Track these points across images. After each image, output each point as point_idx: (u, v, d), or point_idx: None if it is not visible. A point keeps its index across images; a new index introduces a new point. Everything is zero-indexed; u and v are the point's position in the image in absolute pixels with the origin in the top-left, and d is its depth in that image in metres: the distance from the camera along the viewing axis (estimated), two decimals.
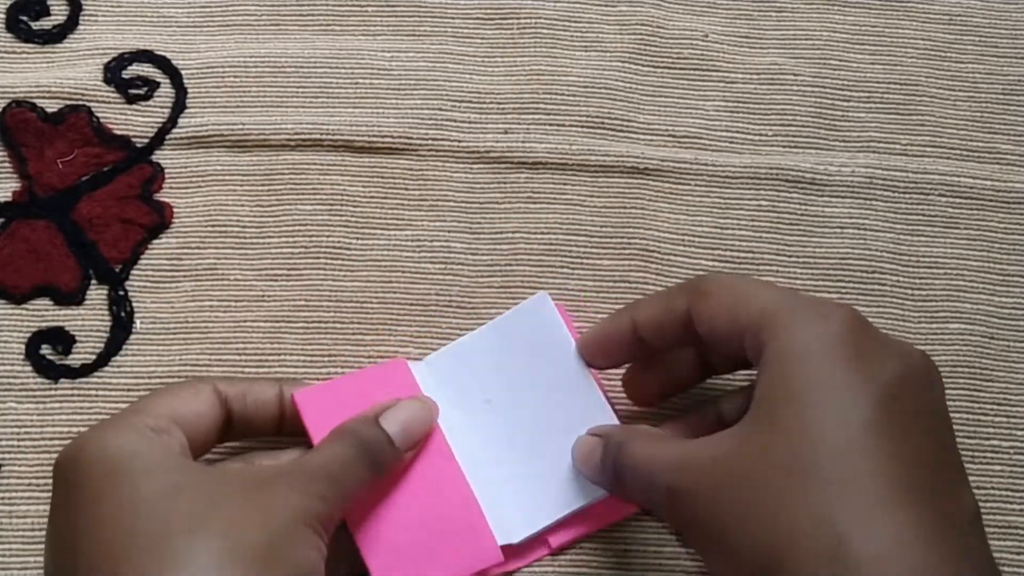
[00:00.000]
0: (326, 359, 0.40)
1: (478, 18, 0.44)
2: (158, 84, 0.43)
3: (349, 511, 0.34)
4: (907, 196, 0.43)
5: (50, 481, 0.37)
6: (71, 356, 0.40)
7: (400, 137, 0.42)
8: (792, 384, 0.30)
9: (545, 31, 0.44)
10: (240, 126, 0.42)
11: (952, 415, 0.40)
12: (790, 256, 0.42)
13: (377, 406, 0.36)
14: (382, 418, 0.35)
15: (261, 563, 0.29)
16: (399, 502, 0.35)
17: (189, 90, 0.43)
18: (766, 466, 0.29)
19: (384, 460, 0.34)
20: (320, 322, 0.40)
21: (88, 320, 0.40)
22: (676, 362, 0.37)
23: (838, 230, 0.42)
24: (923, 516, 0.28)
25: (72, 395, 0.39)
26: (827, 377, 0.29)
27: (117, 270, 0.41)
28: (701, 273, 0.41)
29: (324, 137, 0.42)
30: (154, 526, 0.29)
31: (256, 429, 0.36)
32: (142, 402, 0.34)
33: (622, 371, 0.38)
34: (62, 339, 0.40)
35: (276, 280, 0.41)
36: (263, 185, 0.42)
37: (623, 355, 0.37)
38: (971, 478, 0.39)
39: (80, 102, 0.42)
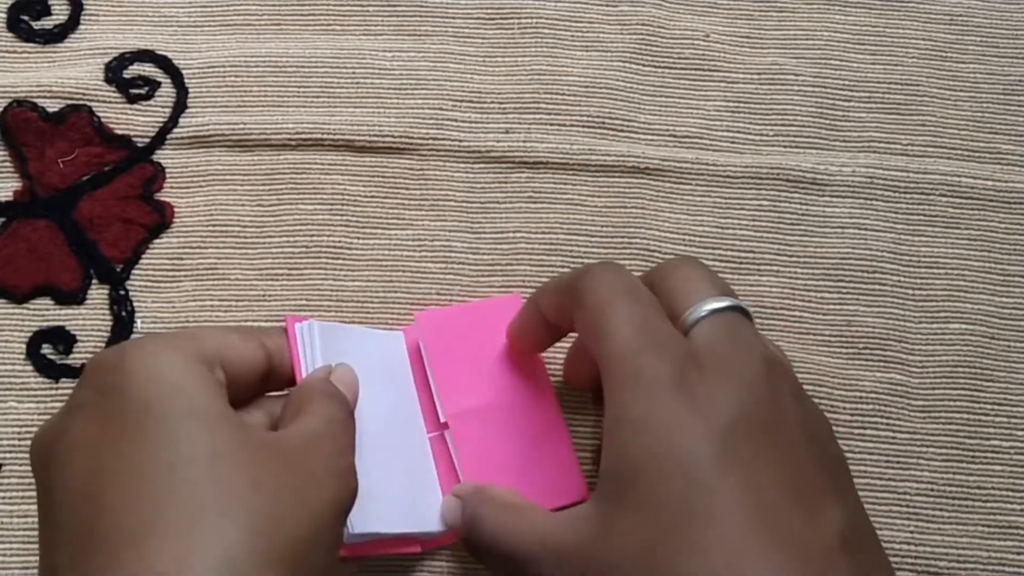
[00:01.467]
0: None
1: (479, 18, 0.44)
2: (159, 84, 0.43)
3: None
4: (908, 196, 0.43)
5: None
6: (72, 356, 0.40)
7: (401, 137, 0.42)
8: (630, 454, 0.28)
9: (546, 31, 0.44)
10: (241, 126, 0.42)
11: (952, 415, 0.40)
12: (791, 256, 0.42)
13: (323, 369, 0.33)
14: (332, 376, 0.33)
15: (291, 563, 0.26)
16: (499, 418, 0.36)
17: (190, 90, 0.43)
18: (623, 556, 0.28)
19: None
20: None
21: (89, 320, 0.40)
22: None
23: (839, 230, 0.42)
24: (786, 554, 0.27)
25: None
26: (665, 444, 0.28)
27: (118, 270, 0.41)
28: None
29: (325, 137, 0.42)
30: (188, 497, 0.26)
31: (283, 385, 0.34)
32: (192, 329, 0.31)
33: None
34: (63, 339, 0.40)
35: (277, 280, 0.41)
36: (264, 185, 0.42)
37: (543, 342, 0.36)
38: (971, 478, 0.39)
39: (81, 102, 0.42)
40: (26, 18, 0.43)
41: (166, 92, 0.43)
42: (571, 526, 0.30)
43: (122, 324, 0.40)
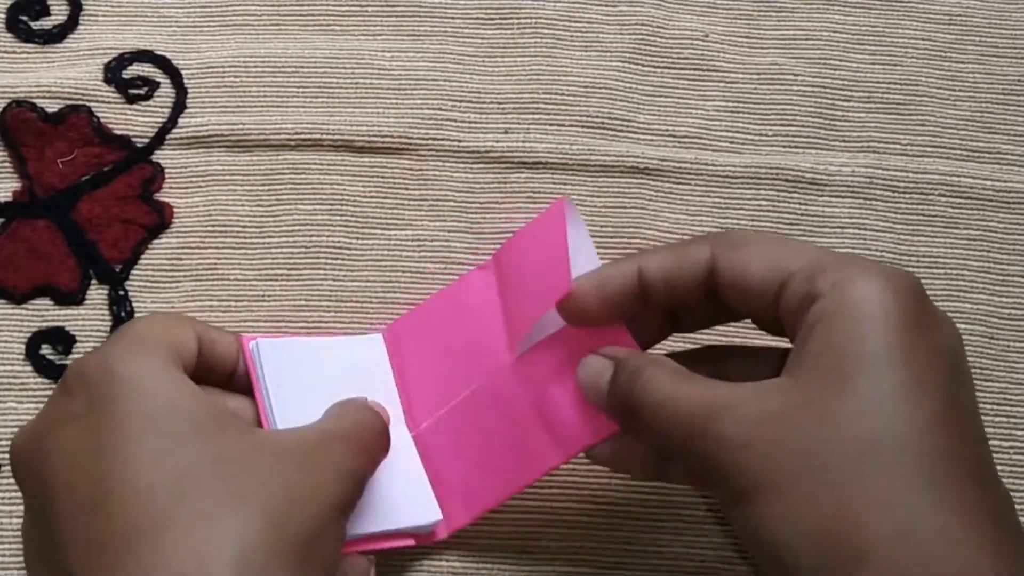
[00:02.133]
0: None
1: (478, 18, 0.44)
2: (158, 84, 0.43)
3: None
4: (907, 196, 0.43)
5: None
6: (71, 356, 0.40)
7: (400, 137, 0.42)
8: (862, 347, 0.28)
9: (545, 31, 0.44)
10: (240, 126, 0.42)
11: None
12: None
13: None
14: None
15: (301, 556, 0.27)
16: (473, 410, 0.36)
17: (189, 90, 0.43)
18: (836, 435, 0.27)
19: (385, 447, 0.33)
20: (320, 322, 0.40)
21: (88, 320, 0.40)
22: (642, 324, 0.35)
23: (838, 230, 0.42)
24: (985, 502, 0.27)
25: None
26: (901, 350, 0.28)
27: (117, 270, 0.41)
28: None
29: (324, 137, 0.42)
30: (200, 498, 0.26)
31: (210, 379, 0.34)
32: (144, 324, 0.31)
33: None
34: (62, 339, 0.40)
35: (276, 280, 0.41)
36: (263, 185, 0.42)
37: (622, 306, 0.33)
38: None
39: (80, 102, 0.42)
40: (25, 18, 0.43)
41: (165, 92, 0.43)
42: (761, 392, 0.29)
43: (121, 324, 0.40)
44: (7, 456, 0.38)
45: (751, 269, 0.31)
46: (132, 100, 0.42)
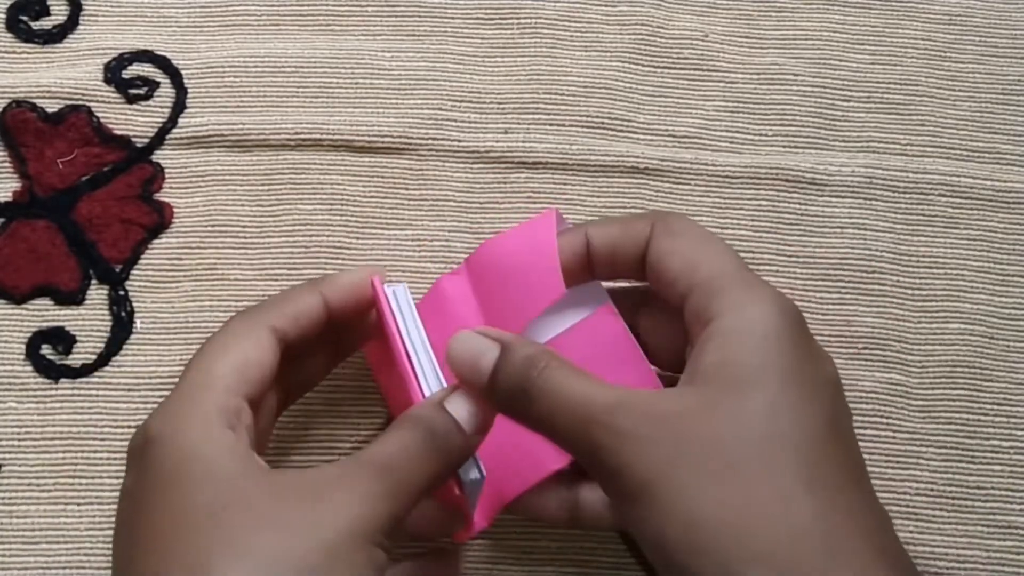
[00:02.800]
0: None
1: (478, 18, 0.44)
2: (158, 84, 0.43)
3: None
4: (907, 196, 0.43)
5: (50, 481, 0.38)
6: (71, 356, 0.40)
7: (400, 137, 0.42)
8: (757, 361, 0.30)
9: (545, 31, 0.44)
10: (240, 126, 0.42)
11: (952, 415, 0.40)
12: (790, 256, 0.42)
13: (442, 391, 0.32)
14: (447, 402, 0.31)
15: None
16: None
17: (189, 90, 0.43)
18: (736, 433, 0.28)
19: (453, 448, 0.31)
20: None
21: (88, 320, 0.40)
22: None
23: (838, 230, 0.42)
24: (871, 510, 0.29)
25: (72, 395, 0.39)
26: (792, 368, 0.30)
27: (117, 270, 0.41)
28: None
29: (324, 137, 0.42)
30: (196, 545, 0.28)
31: (308, 345, 0.35)
32: (208, 365, 0.31)
33: None
34: (62, 339, 0.40)
35: (276, 280, 0.41)
36: (263, 185, 0.42)
37: (571, 273, 0.35)
38: (971, 478, 0.40)
39: (80, 102, 0.42)
40: (25, 18, 0.43)
41: (165, 92, 0.43)
42: (665, 396, 0.31)
43: (121, 324, 0.40)
44: (6, 456, 0.38)
45: (672, 264, 0.33)
46: (132, 100, 0.42)
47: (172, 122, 0.42)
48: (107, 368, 0.39)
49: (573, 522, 0.35)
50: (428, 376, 0.33)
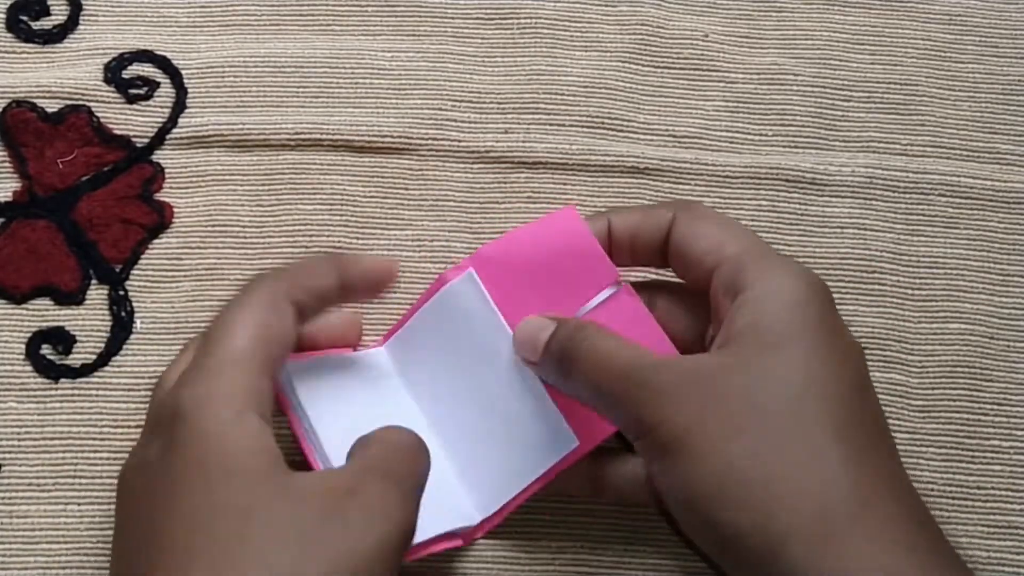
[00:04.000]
0: None
1: (478, 18, 0.44)
2: (158, 84, 0.43)
3: None
4: (907, 196, 0.43)
5: (50, 481, 0.38)
6: (71, 356, 0.40)
7: (400, 137, 0.42)
8: (786, 327, 0.31)
9: (545, 31, 0.44)
10: (240, 126, 0.42)
11: (952, 415, 0.40)
12: (790, 256, 0.42)
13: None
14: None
15: None
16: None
17: (189, 90, 0.43)
18: (767, 387, 0.30)
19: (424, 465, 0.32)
20: None
21: (88, 320, 0.40)
22: None
23: (838, 230, 0.42)
24: (897, 470, 0.31)
25: (72, 395, 0.39)
26: (821, 332, 0.31)
27: (117, 270, 0.41)
28: None
29: (324, 137, 0.42)
30: (214, 556, 0.27)
31: (320, 311, 0.35)
32: (235, 337, 0.31)
33: None
34: (62, 339, 0.40)
35: None
36: (263, 185, 0.42)
37: None
38: (971, 478, 0.40)
39: (80, 102, 0.42)
40: (25, 18, 0.43)
41: (165, 92, 0.43)
42: (697, 358, 0.32)
43: (121, 324, 0.40)
44: (6, 456, 0.38)
45: (698, 244, 0.34)
46: (132, 100, 0.42)
47: (172, 122, 0.42)
48: (107, 368, 0.39)
49: (595, 495, 0.36)
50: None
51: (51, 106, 0.42)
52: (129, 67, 0.43)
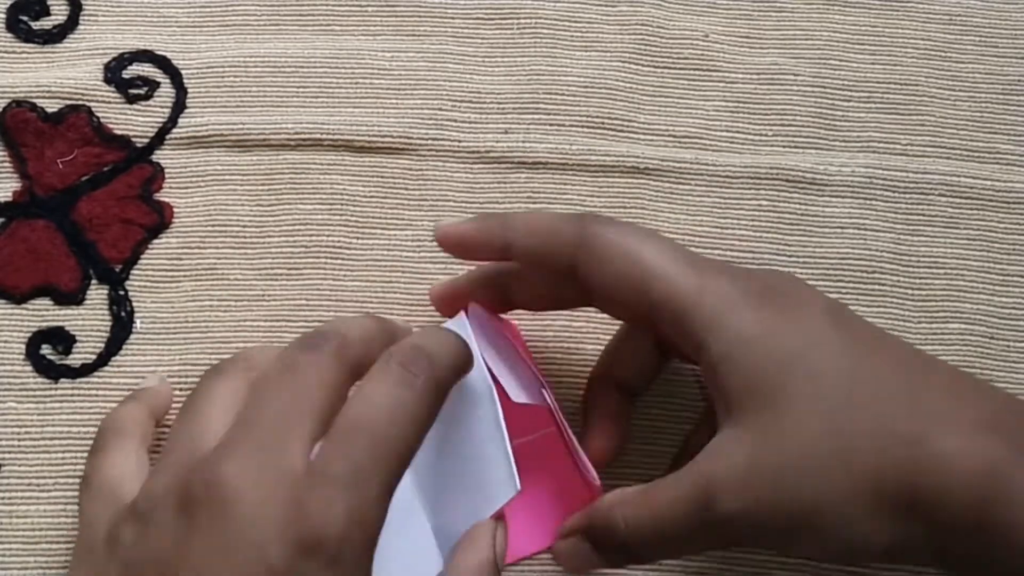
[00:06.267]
0: None
1: (478, 18, 0.44)
2: (158, 84, 0.43)
3: None
4: (907, 196, 0.43)
5: (50, 481, 0.38)
6: (71, 356, 0.40)
7: (400, 137, 0.42)
8: (764, 365, 0.29)
9: (545, 31, 0.44)
10: (240, 126, 0.42)
11: None
12: (790, 256, 0.42)
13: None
14: None
15: None
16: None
17: (189, 90, 0.43)
18: (794, 455, 0.28)
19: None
20: (320, 322, 0.40)
21: (88, 320, 0.40)
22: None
23: (838, 230, 0.42)
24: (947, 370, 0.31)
25: (72, 395, 0.39)
26: (793, 348, 0.29)
27: (117, 270, 0.41)
28: None
29: (324, 137, 0.42)
30: None
31: None
32: (286, 406, 0.27)
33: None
34: (62, 339, 0.40)
35: (276, 280, 0.41)
36: (263, 185, 0.42)
37: (505, 299, 0.35)
38: None
39: (80, 102, 0.42)
40: (25, 18, 0.43)
41: (165, 92, 0.43)
42: (719, 461, 0.29)
43: (121, 324, 0.40)
44: (6, 456, 0.38)
45: (615, 286, 0.31)
46: (132, 100, 0.42)
47: (172, 122, 0.42)
48: (107, 368, 0.39)
49: None
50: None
51: (51, 106, 0.42)
52: (129, 67, 0.43)
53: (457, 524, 0.34)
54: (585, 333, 0.40)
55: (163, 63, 0.43)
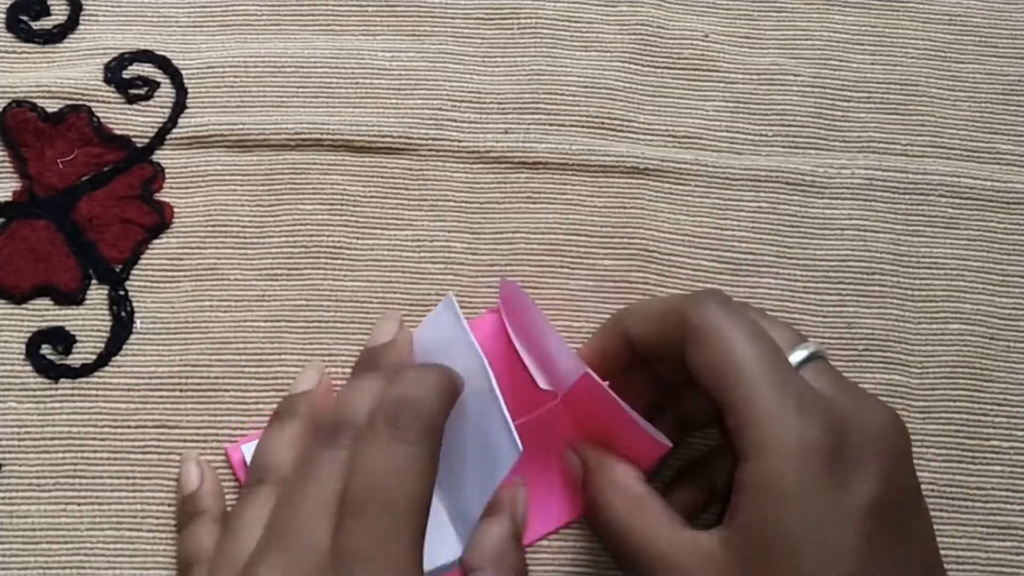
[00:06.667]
0: (326, 359, 0.40)
1: (478, 18, 0.44)
2: (158, 84, 0.43)
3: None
4: (907, 197, 0.43)
5: (50, 481, 0.38)
6: (71, 356, 0.40)
7: (400, 137, 0.42)
8: (776, 525, 0.29)
9: (545, 31, 0.44)
10: (240, 126, 0.42)
11: (952, 415, 0.40)
12: (790, 257, 0.42)
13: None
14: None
15: None
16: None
17: (189, 90, 0.43)
18: None
19: None
20: (320, 322, 0.40)
21: (88, 320, 0.40)
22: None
23: (838, 231, 0.42)
24: None
25: (72, 395, 0.39)
26: (814, 523, 0.29)
27: (117, 270, 0.41)
28: (703, 280, 0.41)
29: (324, 137, 0.42)
30: None
31: None
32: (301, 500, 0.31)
33: None
34: (62, 339, 0.40)
35: (276, 280, 0.41)
36: (263, 185, 0.42)
37: (623, 368, 0.37)
38: (971, 479, 0.40)
39: (80, 102, 0.42)
40: (25, 18, 0.43)
41: (165, 92, 0.43)
42: (699, 561, 0.30)
43: (121, 324, 0.40)
44: (6, 456, 0.38)
45: (703, 380, 0.32)
46: (132, 100, 0.42)
47: (172, 122, 0.42)
48: (107, 368, 0.39)
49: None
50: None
51: (51, 106, 0.42)
52: (129, 67, 0.43)
53: (469, 502, 0.34)
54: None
55: (163, 63, 0.43)
